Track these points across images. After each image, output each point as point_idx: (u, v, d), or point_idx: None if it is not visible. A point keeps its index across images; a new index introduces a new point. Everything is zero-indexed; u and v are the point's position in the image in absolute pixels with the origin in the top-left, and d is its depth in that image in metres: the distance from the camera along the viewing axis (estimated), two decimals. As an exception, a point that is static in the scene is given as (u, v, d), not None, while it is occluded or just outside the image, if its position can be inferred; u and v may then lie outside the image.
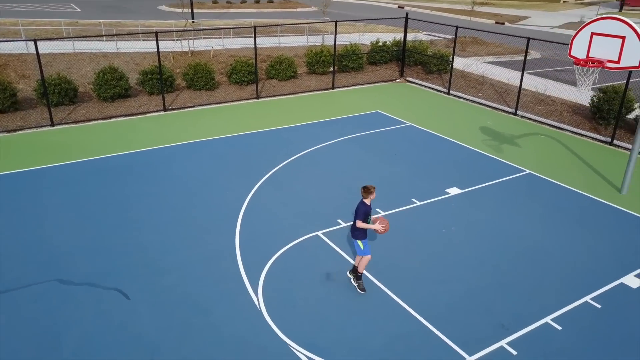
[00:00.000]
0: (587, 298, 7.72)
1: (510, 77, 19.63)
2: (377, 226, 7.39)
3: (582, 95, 16.53)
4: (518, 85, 16.27)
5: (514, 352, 6.65)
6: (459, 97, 18.28)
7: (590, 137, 14.42)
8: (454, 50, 18.65)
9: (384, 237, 9.16)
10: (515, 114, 16.34)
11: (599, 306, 7.55)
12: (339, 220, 9.76)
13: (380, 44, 22.39)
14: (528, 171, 12.14)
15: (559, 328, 7.09)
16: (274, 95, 18.01)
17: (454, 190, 11.09)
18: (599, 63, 9.33)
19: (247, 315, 7.22)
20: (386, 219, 7.63)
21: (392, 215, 10.02)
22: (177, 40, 22.92)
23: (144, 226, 9.42)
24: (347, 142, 13.80)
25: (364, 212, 7.33)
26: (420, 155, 12.97)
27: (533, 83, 18.60)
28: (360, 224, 7.35)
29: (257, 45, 18.86)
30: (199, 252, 8.67)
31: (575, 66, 9.93)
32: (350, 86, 19.60)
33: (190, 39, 22.80)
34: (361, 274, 7.75)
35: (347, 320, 7.19)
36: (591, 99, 15.25)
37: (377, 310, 7.39)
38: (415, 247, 8.95)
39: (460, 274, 8.26)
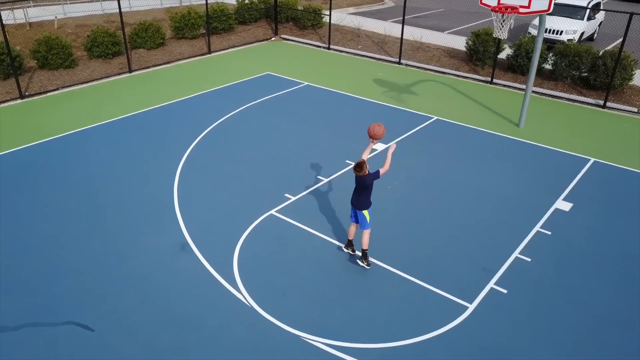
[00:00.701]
0: (537, 228, 8.46)
1: (386, 27, 20.20)
2: (390, 152, 7.18)
3: (454, 39, 17.68)
4: (393, 35, 16.72)
5: (504, 291, 7.07)
6: (341, 51, 18.34)
7: (472, 78, 15.59)
8: (330, 3, 18.48)
9: (338, 208, 8.95)
10: (399, 63, 16.92)
11: (549, 233, 8.33)
12: (287, 195, 9.27)
13: (247, 1, 21.32)
14: (435, 117, 12.74)
15: (529, 260, 7.69)
16: (147, 67, 16.21)
17: (380, 146, 11.20)
18: (513, 9, 9.96)
19: (242, 318, 6.57)
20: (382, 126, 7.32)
21: (334, 180, 9.81)
22: (8, 10, 19.21)
23: (59, 250, 7.94)
24: (252, 109, 13.06)
25: (372, 182, 7.03)
26: (331, 115, 12.81)
27: (403, 31, 19.35)
28: (384, 170, 6.98)
29: (105, 11, 16.61)
30: (148, 262, 7.59)
31: (492, 13, 10.47)
32: (227, 49, 18.46)
33: (21, 7, 19.28)
34: (366, 250, 7.39)
35: (344, 295, 6.95)
36: (466, 43, 16.38)
37: (369, 280, 7.27)
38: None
39: (424, 227, 8.45)
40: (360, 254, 7.51)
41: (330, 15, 18.57)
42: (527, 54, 14.91)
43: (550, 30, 17.56)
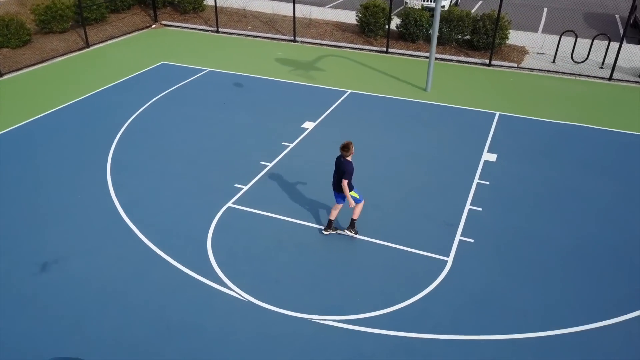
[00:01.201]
0: (477, 180, 9.30)
1: (273, 6, 20.01)
2: (351, 201, 7.26)
3: (342, 14, 18.14)
4: (281, 13, 16.64)
5: (471, 240, 7.73)
6: (231, 34, 17.87)
7: (368, 49, 16.23)
8: (213, -15, 17.78)
9: (294, 189, 8.97)
10: (294, 40, 16.99)
11: (488, 183, 9.21)
12: (237, 186, 9.03)
13: (116, -13, 19.65)
14: (349, 90, 13.14)
15: (480, 209, 8.46)
16: (19, 69, 14.36)
17: (309, 125, 11.32)
18: None
19: (244, 314, 6.39)
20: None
21: (279, 163, 9.76)
22: None
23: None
24: (162, 102, 12.32)
25: (352, 172, 7.12)
26: (247, 98, 12.58)
27: (295, 8, 19.40)
28: (346, 185, 7.08)
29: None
30: (119, 277, 6.99)
31: None
32: (105, 41, 16.98)
33: None
34: (356, 220, 7.68)
35: (333, 272, 7.08)
36: (357, 16, 16.94)
37: (351, 253, 7.47)
38: (319, 185, 9.04)
39: (380, 196, 8.82)
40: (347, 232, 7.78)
41: (215, -4, 17.92)
42: (416, 22, 15.88)
43: (424, -2, 18.81)
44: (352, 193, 7.39)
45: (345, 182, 7.12)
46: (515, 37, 16.34)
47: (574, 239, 7.79)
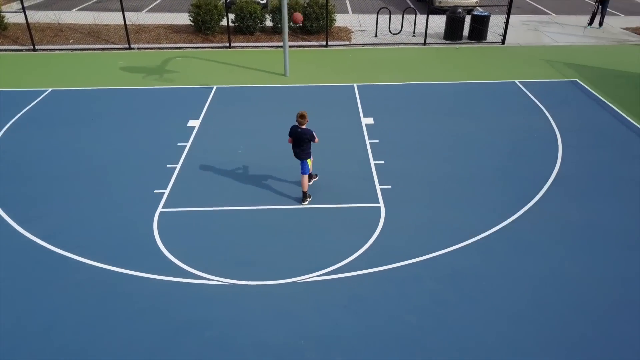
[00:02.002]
0: (368, 140, 10.65)
1: (95, 16, 18.79)
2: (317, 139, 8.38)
3: (166, 16, 17.93)
4: (102, 23, 16.00)
5: (389, 186, 9.03)
6: (52, 50, 16.39)
7: (211, 47, 16.52)
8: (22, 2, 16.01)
9: (215, 181, 9.22)
10: (130, 48, 16.38)
11: (377, 141, 10.64)
12: (157, 191, 8.91)
13: None
14: (214, 86, 13.44)
15: (383, 162, 9.82)
16: None
17: (194, 123, 11.43)
18: None
19: (244, 296, 6.66)
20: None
21: (187, 161, 9.82)
22: None
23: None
24: (14, 132, 11.10)
25: (309, 138, 8.10)
26: (115, 111, 12.04)
27: (124, 16, 18.49)
28: (317, 140, 8.29)
29: None
30: (79, 300, 6.60)
31: None
32: None
33: None
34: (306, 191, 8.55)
35: (293, 241, 7.70)
36: (190, 16, 17.01)
37: (297, 222, 8.14)
38: (235, 170, 9.47)
39: (296, 170, 9.59)
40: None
41: (24, 12, 16.15)
42: (251, 15, 16.68)
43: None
44: (308, 161, 8.27)
45: (316, 140, 8.25)
46: (337, 20, 18.25)
47: (456, 167, 9.63)
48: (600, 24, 18.49)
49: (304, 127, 8.14)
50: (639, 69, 14.44)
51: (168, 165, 9.72)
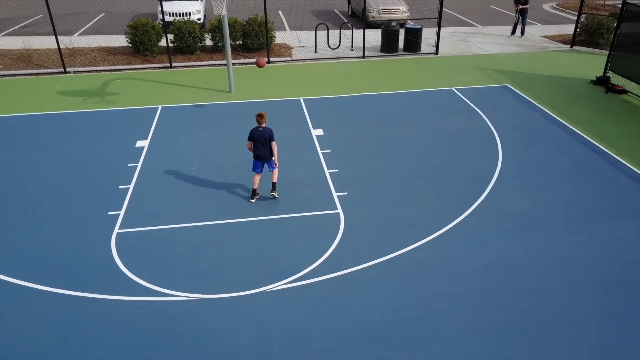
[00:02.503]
0: (320, 151, 10.89)
1: (24, 41, 18.01)
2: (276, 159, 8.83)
3: (100, 39, 17.52)
4: (33, 48, 15.42)
5: (346, 193, 9.27)
6: (-20, 77, 15.61)
7: (151, 67, 16.28)
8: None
9: (170, 196, 9.11)
10: (65, 72, 15.87)
11: (329, 151, 10.89)
12: (111, 213, 8.69)
13: None
14: (159, 106, 13.27)
15: (337, 170, 10.07)
16: None
17: (143, 143, 11.24)
18: None
19: (214, 309, 6.61)
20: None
21: (140, 180, 9.64)
22: None
23: None
24: (-48, 161, 10.51)
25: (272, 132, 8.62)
26: (58, 136, 11.64)
27: (58, 40, 17.87)
28: (275, 145, 8.64)
29: None
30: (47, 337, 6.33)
31: None
32: None
33: None
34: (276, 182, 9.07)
35: (258, 253, 7.74)
36: (127, 37, 16.72)
37: (258, 233, 8.20)
38: (190, 186, 9.42)
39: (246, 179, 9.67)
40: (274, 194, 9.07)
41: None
42: (190, 34, 16.64)
43: (179, 13, 19.53)
44: (274, 158, 8.69)
45: (274, 144, 8.59)
46: (276, 37, 18.53)
47: (407, 170, 10.04)
48: (522, 33, 19.87)
49: (263, 126, 8.59)
50: (561, 72, 15.63)
51: (120, 187, 9.50)
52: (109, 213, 8.70)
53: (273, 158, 8.70)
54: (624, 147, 10.87)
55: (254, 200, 8.99)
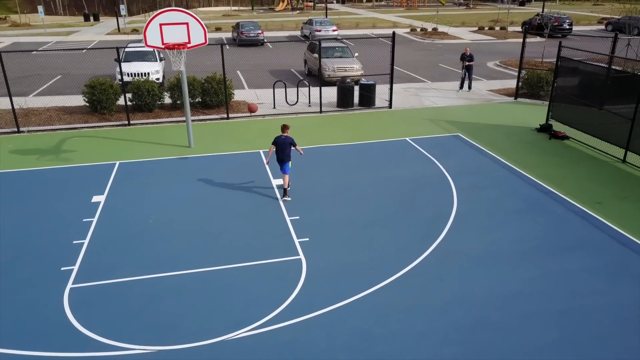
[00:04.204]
0: (280, 201, 10.99)
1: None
2: (301, 151, 11.01)
3: (54, 99, 17.47)
4: None
5: (307, 239, 9.32)
6: None
7: (109, 125, 16.23)
8: None
9: (128, 249, 8.92)
10: (19, 131, 15.64)
11: (289, 199, 11.00)
12: (64, 269, 8.41)
13: None
14: (117, 162, 13.17)
15: (298, 217, 10.15)
16: None
17: (99, 198, 11.06)
18: (180, 45, 11.63)
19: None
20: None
21: (95, 235, 9.42)
22: None
23: None
24: None
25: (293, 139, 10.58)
26: (22, 193, 11.33)
27: (12, 99, 17.65)
28: (298, 148, 10.71)
29: None
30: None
31: (168, 51, 11.78)
32: None
33: None
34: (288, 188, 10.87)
35: (221, 300, 7.61)
36: (84, 96, 16.74)
37: (216, 283, 8.08)
38: (148, 239, 9.28)
39: (212, 228, 9.60)
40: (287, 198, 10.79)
41: None
42: (149, 92, 16.84)
43: (138, 73, 19.78)
44: (289, 163, 10.62)
45: (297, 147, 10.66)
46: (235, 95, 18.98)
47: (366, 215, 10.22)
48: (470, 87, 21.05)
49: (286, 134, 10.52)
50: (507, 122, 16.54)
51: (75, 242, 9.25)
52: (62, 268, 8.42)
53: (296, 149, 10.68)
54: (569, 187, 11.46)
55: (289, 199, 10.87)
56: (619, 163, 12.93)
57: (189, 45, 12.05)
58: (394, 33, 18.30)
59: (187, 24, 11.84)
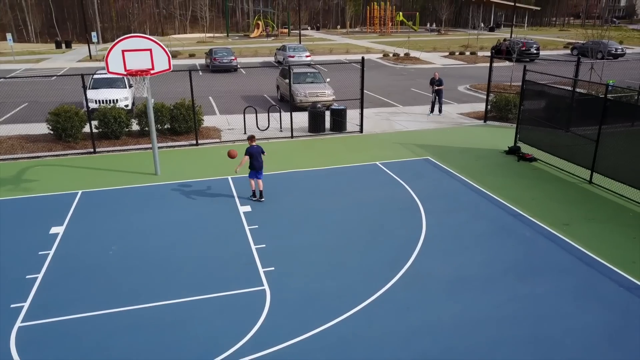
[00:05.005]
0: (247, 227, 10.72)
1: None
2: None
3: (15, 128, 17.02)
4: None
5: (272, 268, 9.05)
6: None
7: (73, 153, 15.83)
8: None
9: (78, 284, 8.52)
10: (-21, 161, 15.12)
11: (257, 226, 10.75)
12: (13, 306, 7.95)
13: None
14: (79, 191, 12.76)
15: (264, 245, 9.89)
16: None
17: (58, 229, 10.64)
18: (144, 72, 11.42)
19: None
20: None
21: (50, 268, 8.99)
22: None
23: None
24: None
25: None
26: (-36, 225, 10.84)
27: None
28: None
29: None
30: None
31: (130, 77, 11.52)
32: None
33: None
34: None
35: (185, 336, 7.26)
36: (48, 124, 16.34)
37: (178, 317, 7.74)
38: (108, 273, 8.91)
39: (176, 258, 9.27)
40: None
41: None
42: (116, 120, 16.53)
43: (107, 100, 19.47)
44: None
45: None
46: (205, 120, 18.81)
47: (334, 241, 10.02)
48: (440, 111, 21.26)
49: (255, 144, 11.68)
50: (477, 144, 16.65)
51: (28, 276, 8.81)
52: (12, 305, 7.97)
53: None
54: (537, 210, 11.47)
55: (255, 199, 11.98)
56: (585, 184, 13.05)
57: (152, 71, 11.86)
58: (363, 58, 18.45)
59: (150, 50, 11.68)
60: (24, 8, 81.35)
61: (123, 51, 11.48)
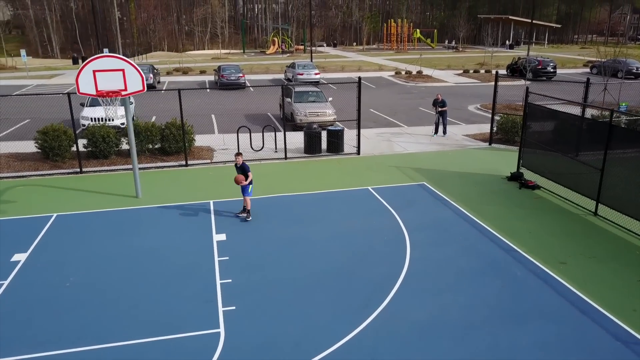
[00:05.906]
0: (217, 258, 10.07)
1: None
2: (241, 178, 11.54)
3: (12, 144, 16.77)
4: None
5: (233, 307, 8.35)
6: None
7: (60, 173, 15.47)
8: None
9: (36, 319, 7.95)
10: (-37, 180, 14.86)
11: (227, 258, 10.09)
12: (-50, 343, 7.41)
13: None
14: (54, 214, 12.32)
15: (230, 280, 9.21)
16: None
17: (20, 257, 10.15)
18: (115, 92, 10.99)
19: None
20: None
21: (3, 300, 8.45)
22: None
23: None
24: None
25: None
26: None
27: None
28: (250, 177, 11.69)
29: None
30: None
31: (100, 98, 11.12)
32: None
33: None
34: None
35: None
36: (36, 142, 16.05)
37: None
38: (71, 302, 8.33)
39: (135, 291, 8.64)
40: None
41: None
42: (104, 139, 16.16)
43: (103, 118, 19.17)
44: (250, 187, 11.78)
45: (250, 174, 11.67)
46: (200, 140, 18.35)
47: (306, 276, 9.29)
48: (444, 132, 20.45)
49: (241, 162, 11.60)
50: (478, 169, 15.79)
51: (-24, 311, 8.28)
52: (-49, 344, 7.43)
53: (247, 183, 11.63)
54: (533, 244, 10.57)
55: (249, 218, 11.94)
56: (590, 216, 12.09)
57: (124, 92, 11.41)
58: (359, 78, 17.83)
59: (123, 70, 11.23)
60: (49, 24, 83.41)
61: (94, 71, 11.05)
